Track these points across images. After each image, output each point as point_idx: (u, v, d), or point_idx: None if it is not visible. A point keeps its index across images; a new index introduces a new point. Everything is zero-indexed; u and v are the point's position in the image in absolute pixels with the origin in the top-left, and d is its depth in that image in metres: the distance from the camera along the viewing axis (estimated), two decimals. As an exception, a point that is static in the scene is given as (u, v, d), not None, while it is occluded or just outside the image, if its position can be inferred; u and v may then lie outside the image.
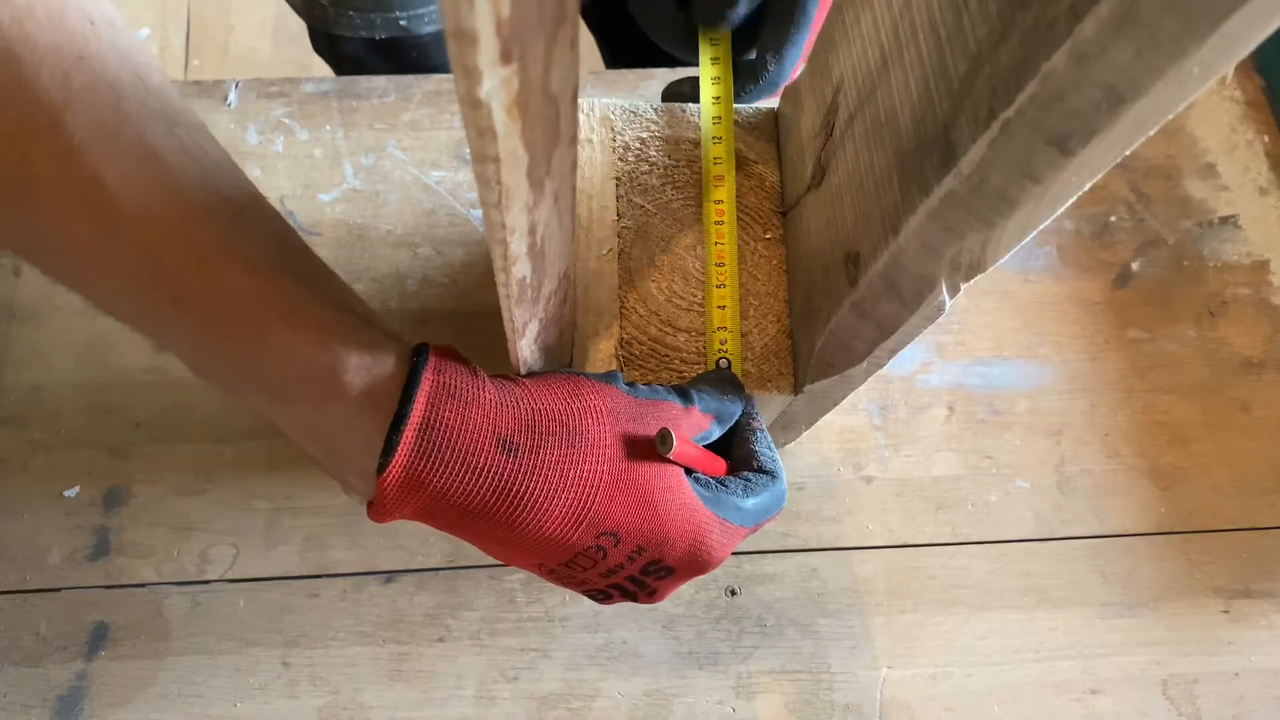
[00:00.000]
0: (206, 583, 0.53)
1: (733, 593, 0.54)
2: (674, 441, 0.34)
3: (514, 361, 0.37)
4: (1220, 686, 0.54)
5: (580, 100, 0.36)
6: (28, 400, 0.56)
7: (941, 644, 0.54)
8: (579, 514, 0.33)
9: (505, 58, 0.20)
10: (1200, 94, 0.23)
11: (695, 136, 0.48)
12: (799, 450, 0.57)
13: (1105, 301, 0.63)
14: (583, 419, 0.34)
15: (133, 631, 0.52)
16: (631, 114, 0.48)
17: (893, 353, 0.38)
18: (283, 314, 0.31)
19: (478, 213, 0.61)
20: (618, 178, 0.46)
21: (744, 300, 0.45)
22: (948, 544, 0.56)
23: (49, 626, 0.51)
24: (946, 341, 0.61)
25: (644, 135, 0.48)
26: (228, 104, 0.63)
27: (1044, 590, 0.56)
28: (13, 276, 0.58)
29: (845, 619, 0.54)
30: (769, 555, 0.55)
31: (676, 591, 0.54)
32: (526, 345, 0.36)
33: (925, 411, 0.59)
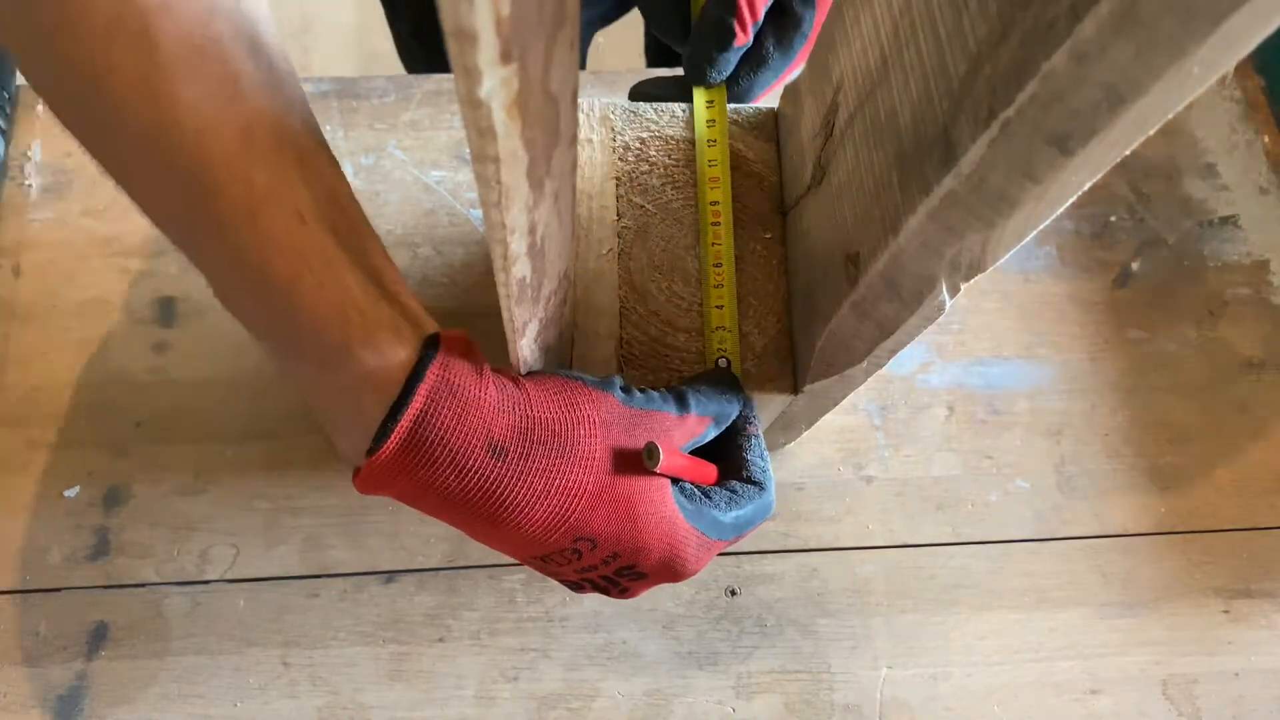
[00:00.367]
0: (206, 583, 0.53)
1: (733, 593, 0.54)
2: (660, 456, 0.35)
3: (514, 361, 0.37)
4: (1220, 686, 0.54)
5: (580, 100, 0.36)
6: (28, 400, 0.56)
7: (941, 644, 0.54)
8: (559, 521, 0.34)
9: (505, 58, 0.20)
10: (1200, 94, 0.23)
11: (694, 137, 0.48)
12: (799, 450, 0.57)
13: (1105, 301, 0.63)
14: (575, 429, 0.35)
15: (133, 631, 0.52)
16: (631, 114, 0.48)
17: (893, 353, 0.38)
18: (315, 271, 0.31)
19: (478, 213, 0.61)
20: (618, 178, 0.46)
21: (744, 300, 0.45)
22: (948, 544, 0.56)
23: (49, 626, 0.51)
24: (946, 341, 0.61)
25: (644, 135, 0.48)
26: (228, 104, 0.63)
27: (1044, 590, 0.56)
28: (12, 277, 0.58)
29: (845, 619, 0.54)
30: (769, 555, 0.55)
31: (675, 591, 0.54)
32: (526, 345, 0.36)
33: (925, 411, 0.59)
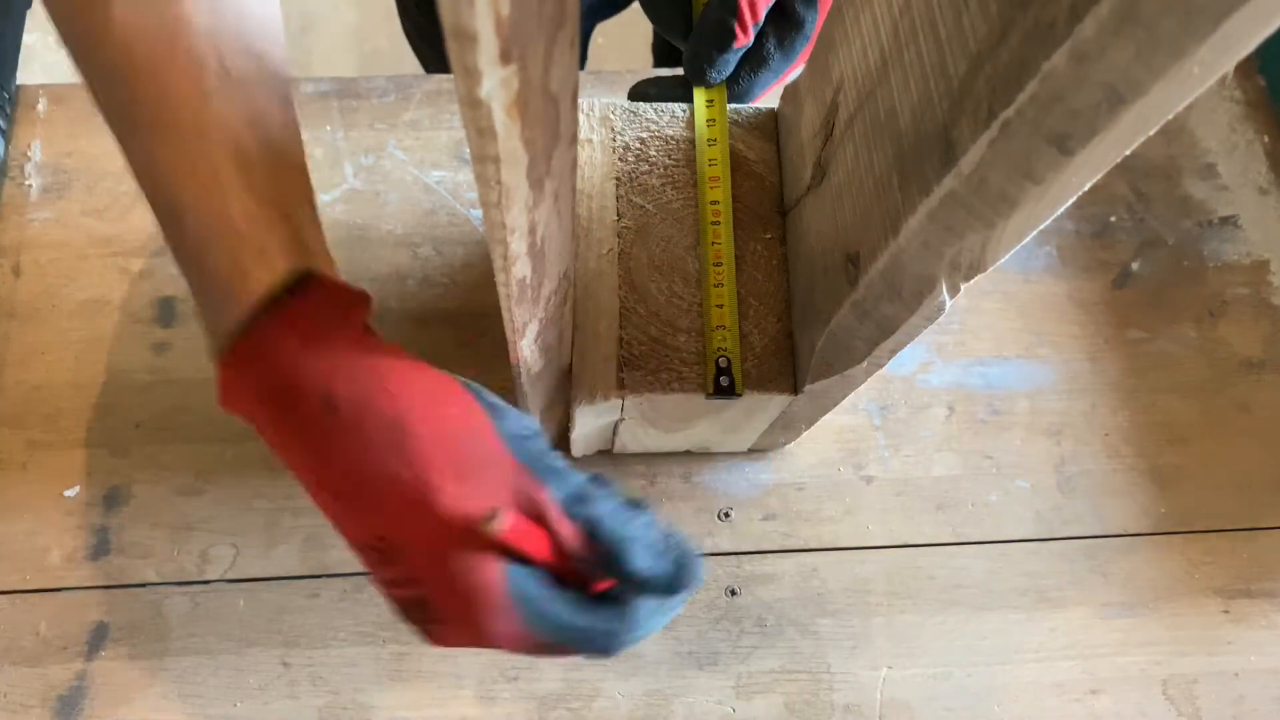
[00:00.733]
0: (206, 583, 0.53)
1: (733, 593, 0.54)
2: (498, 524, 0.31)
3: (514, 361, 0.37)
4: (1220, 686, 0.54)
5: (580, 100, 0.36)
6: (28, 400, 0.56)
7: (941, 644, 0.54)
8: (366, 506, 0.32)
9: (505, 58, 0.20)
10: (1200, 94, 0.23)
11: (694, 137, 0.48)
12: (799, 450, 0.57)
13: (1105, 301, 0.63)
14: (426, 428, 0.31)
15: (133, 631, 0.52)
16: (631, 114, 0.48)
17: (893, 353, 0.38)
18: (201, 183, 0.31)
19: (478, 213, 0.61)
20: (618, 178, 0.46)
21: (744, 300, 0.45)
22: (948, 544, 0.56)
23: (49, 626, 0.51)
24: (946, 341, 0.61)
25: (644, 135, 0.48)
26: (228, 104, 0.63)
27: (1044, 590, 0.56)
28: (12, 277, 0.58)
29: (845, 619, 0.54)
30: (769, 555, 0.55)
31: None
32: (526, 345, 0.36)
33: (925, 411, 0.59)
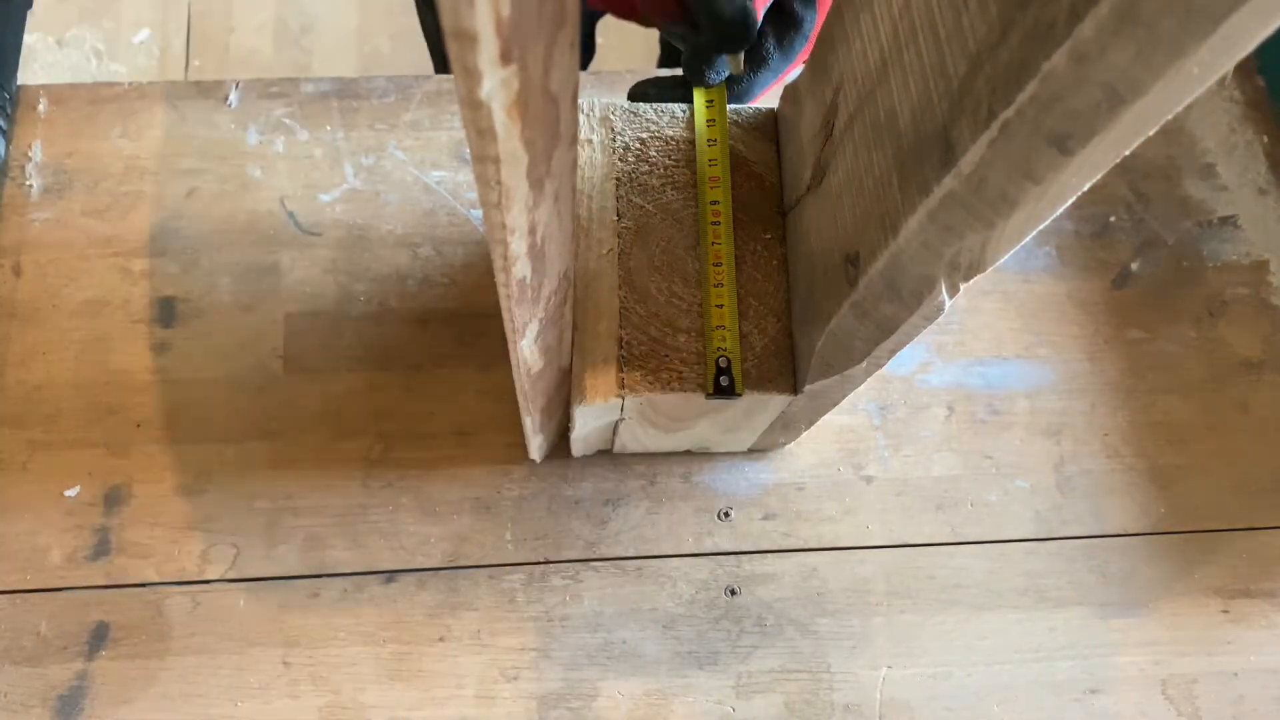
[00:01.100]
0: (207, 582, 0.53)
1: (733, 592, 0.54)
2: None
3: (514, 362, 0.37)
4: (1220, 686, 0.54)
5: (580, 100, 0.36)
6: (28, 400, 0.56)
7: (941, 644, 0.54)
8: None
9: (505, 58, 0.20)
10: (1200, 94, 0.23)
11: (694, 137, 0.48)
12: (799, 450, 0.57)
13: (1105, 301, 0.63)
14: None
15: (133, 631, 0.52)
16: (631, 114, 0.48)
17: (893, 353, 0.38)
18: None
19: (478, 213, 0.61)
20: (618, 178, 0.46)
21: (744, 300, 0.45)
22: (947, 544, 0.56)
23: (49, 626, 0.51)
24: (946, 341, 0.61)
25: (644, 135, 0.48)
26: (228, 104, 0.63)
27: (1044, 590, 0.56)
28: (13, 277, 0.58)
29: (845, 619, 0.54)
30: (769, 555, 0.55)
31: (675, 591, 0.54)
32: (526, 345, 0.36)
33: (925, 411, 0.59)
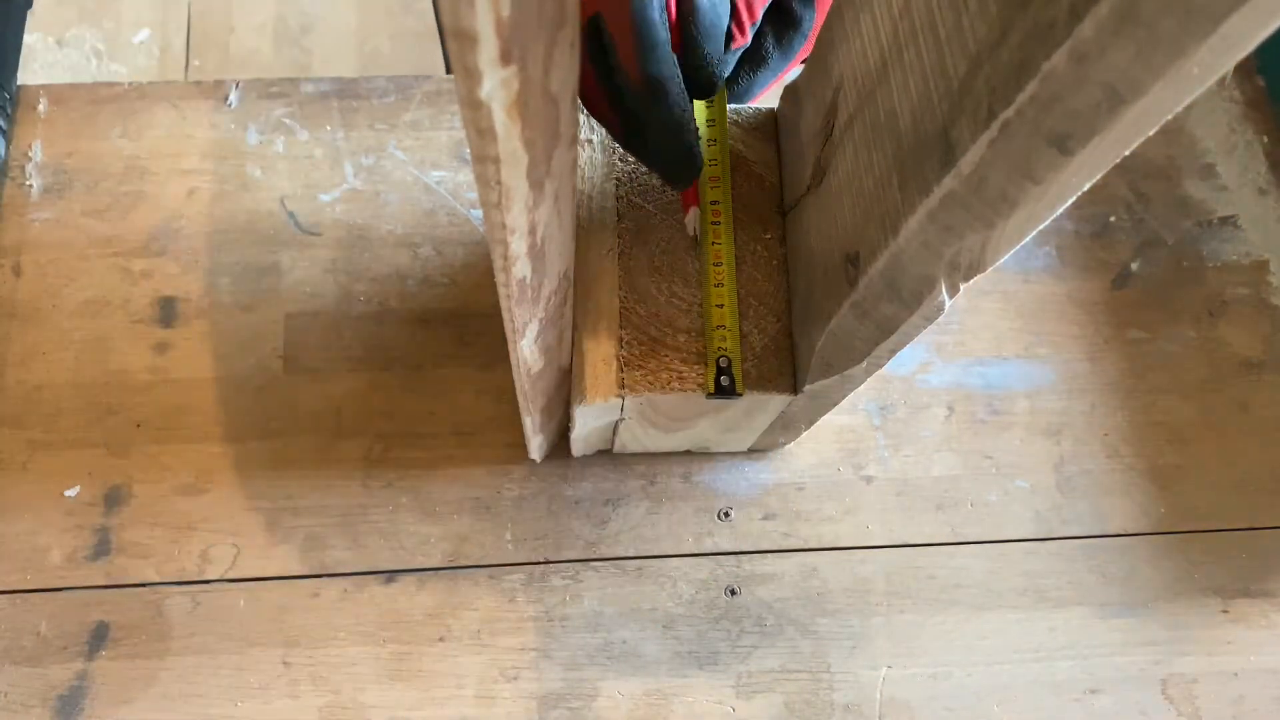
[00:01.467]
0: (207, 582, 0.53)
1: (733, 592, 0.54)
2: None
3: (514, 362, 0.37)
4: (1220, 686, 0.54)
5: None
6: (28, 400, 0.56)
7: (941, 644, 0.54)
8: None
9: (505, 58, 0.20)
10: (1200, 94, 0.23)
11: None
12: (799, 450, 0.57)
13: (1105, 301, 0.63)
14: None
15: (133, 631, 0.52)
16: (631, 114, 0.48)
17: (893, 353, 0.38)
18: None
19: (478, 213, 0.61)
20: (618, 178, 0.46)
21: (744, 300, 0.45)
22: (947, 544, 0.56)
23: (50, 626, 0.51)
24: (946, 341, 0.61)
25: (644, 135, 0.47)
26: (228, 104, 0.63)
27: (1043, 590, 0.56)
28: (13, 277, 0.58)
29: (845, 619, 0.54)
30: (769, 555, 0.55)
31: (675, 591, 0.54)
32: (526, 345, 0.36)
33: (925, 411, 0.59)
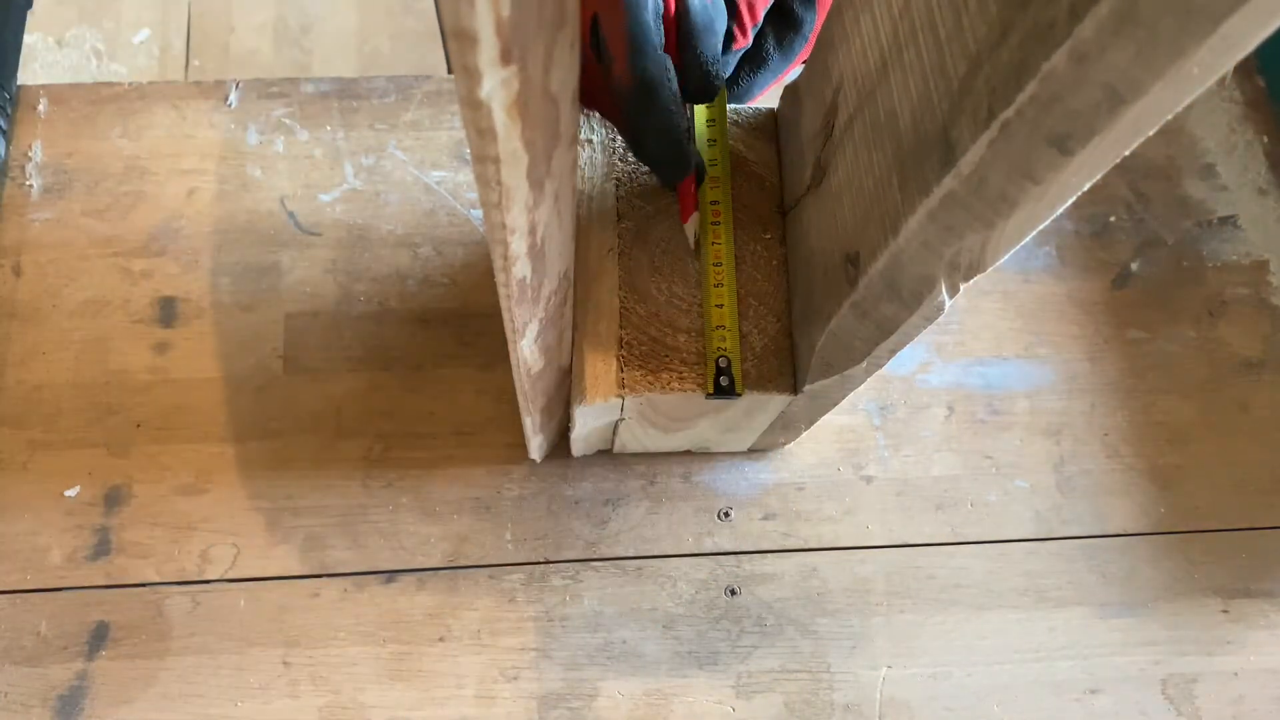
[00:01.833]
0: (207, 582, 0.53)
1: (733, 592, 0.54)
2: None
3: (514, 362, 0.37)
4: (1220, 686, 0.54)
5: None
6: (28, 400, 0.56)
7: (941, 644, 0.54)
8: None
9: (505, 58, 0.20)
10: (1200, 94, 0.23)
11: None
12: (799, 450, 0.57)
13: (1105, 301, 0.63)
14: None
15: (133, 631, 0.52)
16: (631, 114, 0.48)
17: (892, 353, 0.38)
18: None
19: (478, 213, 0.61)
20: (618, 178, 0.46)
21: (744, 300, 0.45)
22: (947, 544, 0.56)
23: (50, 626, 0.51)
24: (946, 341, 0.61)
25: (644, 135, 0.47)
26: (228, 104, 0.63)
27: (1044, 590, 0.56)
28: (13, 277, 0.58)
29: (845, 619, 0.54)
30: (769, 555, 0.55)
31: (675, 591, 0.54)
32: (527, 345, 0.36)
33: (925, 411, 0.59)
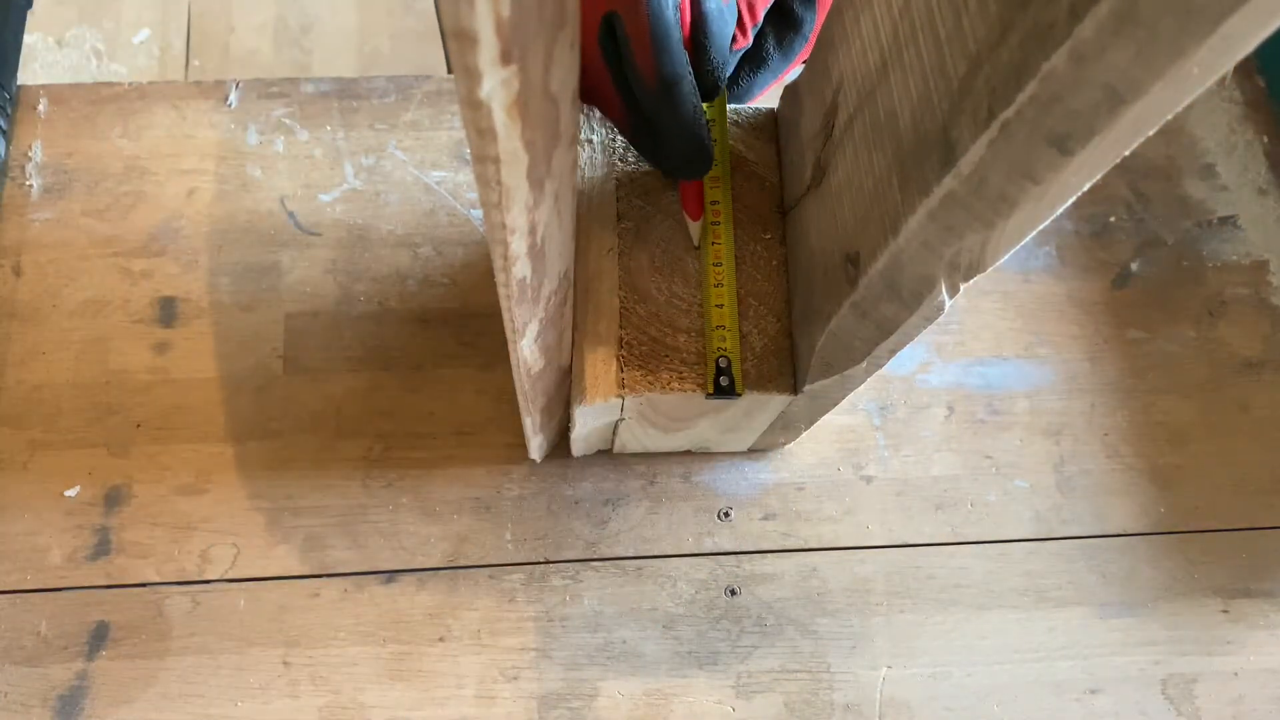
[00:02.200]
0: (207, 582, 0.53)
1: (733, 592, 0.54)
2: None
3: (514, 362, 0.37)
4: (1219, 686, 0.54)
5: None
6: (28, 400, 0.56)
7: (941, 644, 0.54)
8: None
9: (505, 58, 0.20)
10: (1200, 94, 0.23)
11: None
12: (799, 450, 0.57)
13: (1105, 301, 0.63)
14: None
15: (133, 631, 0.52)
16: (631, 114, 0.48)
17: (892, 353, 0.38)
18: None
19: (478, 213, 0.61)
20: (618, 178, 0.46)
21: (744, 300, 0.45)
22: (947, 544, 0.56)
23: (49, 626, 0.51)
24: (946, 341, 0.61)
25: (644, 135, 0.47)
26: (228, 104, 0.63)
27: (1043, 590, 0.56)
28: (13, 277, 0.58)
29: (845, 619, 0.54)
30: (769, 555, 0.55)
31: (675, 591, 0.54)
32: (526, 345, 0.36)
33: (925, 411, 0.59)
